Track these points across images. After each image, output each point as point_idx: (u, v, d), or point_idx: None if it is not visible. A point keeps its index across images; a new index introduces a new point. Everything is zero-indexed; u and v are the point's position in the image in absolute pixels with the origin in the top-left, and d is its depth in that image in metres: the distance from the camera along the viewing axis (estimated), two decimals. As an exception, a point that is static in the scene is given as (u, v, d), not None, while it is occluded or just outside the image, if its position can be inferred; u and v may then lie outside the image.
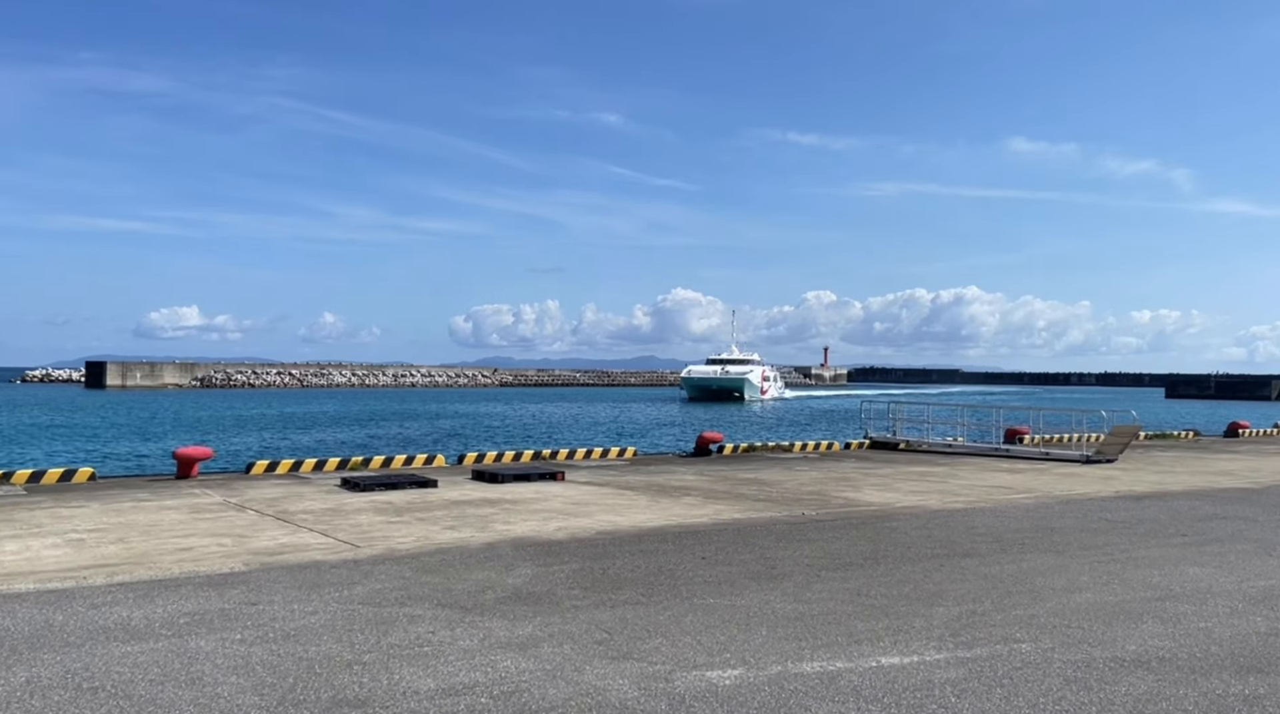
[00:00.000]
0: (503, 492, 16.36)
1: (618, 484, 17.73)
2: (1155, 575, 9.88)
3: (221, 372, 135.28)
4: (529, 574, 9.44)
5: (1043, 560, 10.63)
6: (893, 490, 17.20)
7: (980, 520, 13.63)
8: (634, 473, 19.98)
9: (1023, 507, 15.18)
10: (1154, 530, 12.89)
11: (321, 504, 14.53)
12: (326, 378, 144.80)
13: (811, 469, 21.23)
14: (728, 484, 17.92)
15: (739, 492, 16.70)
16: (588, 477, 19.07)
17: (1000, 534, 12.41)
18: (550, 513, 13.77)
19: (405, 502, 14.85)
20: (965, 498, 16.25)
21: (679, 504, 14.94)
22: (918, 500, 15.84)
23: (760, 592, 8.88)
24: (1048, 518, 13.96)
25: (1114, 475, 20.47)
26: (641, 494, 16.23)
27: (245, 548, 10.66)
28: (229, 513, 13.48)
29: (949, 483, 18.61)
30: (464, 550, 10.70)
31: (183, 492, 15.93)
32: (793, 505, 14.92)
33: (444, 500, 15.05)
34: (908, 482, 18.76)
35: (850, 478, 19.33)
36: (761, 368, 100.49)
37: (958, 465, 22.64)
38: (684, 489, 17.06)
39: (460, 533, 11.89)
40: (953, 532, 12.57)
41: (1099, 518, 14.00)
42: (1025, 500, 15.99)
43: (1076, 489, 17.84)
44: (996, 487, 18.05)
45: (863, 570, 9.93)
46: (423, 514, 13.52)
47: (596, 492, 16.50)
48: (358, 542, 11.13)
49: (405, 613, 7.80)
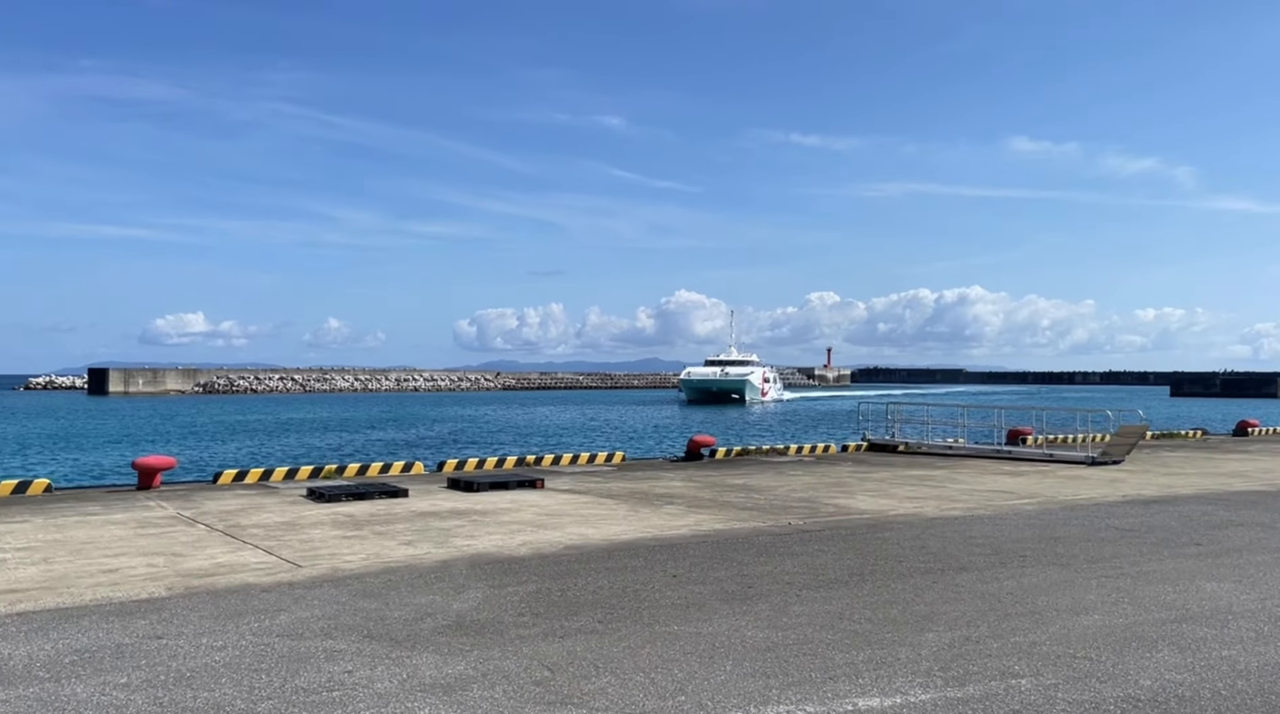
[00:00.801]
0: (475, 501, 15.49)
1: (598, 492, 16.86)
2: (1169, 593, 8.99)
3: (224, 377, 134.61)
4: (478, 598, 8.57)
5: (1045, 575, 9.74)
6: (888, 496, 16.31)
7: (978, 529, 12.74)
8: (618, 479, 19.10)
9: (1024, 513, 14.29)
10: (1165, 539, 11.99)
11: (279, 517, 13.67)
12: (329, 383, 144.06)
13: (805, 474, 20.34)
14: (714, 491, 17.04)
15: (725, 499, 15.82)
16: (569, 484, 18.20)
17: (1000, 545, 11.52)
18: (519, 525, 12.91)
19: (368, 514, 13.98)
20: (963, 504, 15.36)
21: (659, 514, 14.06)
22: (913, 507, 14.95)
23: (731, 616, 8.00)
24: (1051, 526, 13.08)
25: (1121, 478, 19.56)
26: (621, 503, 15.36)
27: (176, 569, 9.79)
28: (177, 528, 12.63)
29: (947, 487, 17.71)
30: (414, 570, 9.83)
31: (137, 504, 15.08)
32: (780, 514, 14.04)
33: (410, 512, 14.19)
34: (904, 486, 17.87)
35: (844, 483, 18.44)
36: (762, 369, 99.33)
37: (957, 468, 21.74)
38: (668, 497, 16.19)
39: (416, 549, 11.02)
40: (948, 542, 11.68)
41: (1106, 525, 13.11)
42: (1027, 506, 15.10)
43: (1081, 493, 16.94)
44: (997, 491, 17.16)
45: (847, 589, 9.05)
46: (383, 527, 12.66)
47: (574, 500, 15.63)
48: (301, 560, 10.27)
49: (325, 648, 6.93)
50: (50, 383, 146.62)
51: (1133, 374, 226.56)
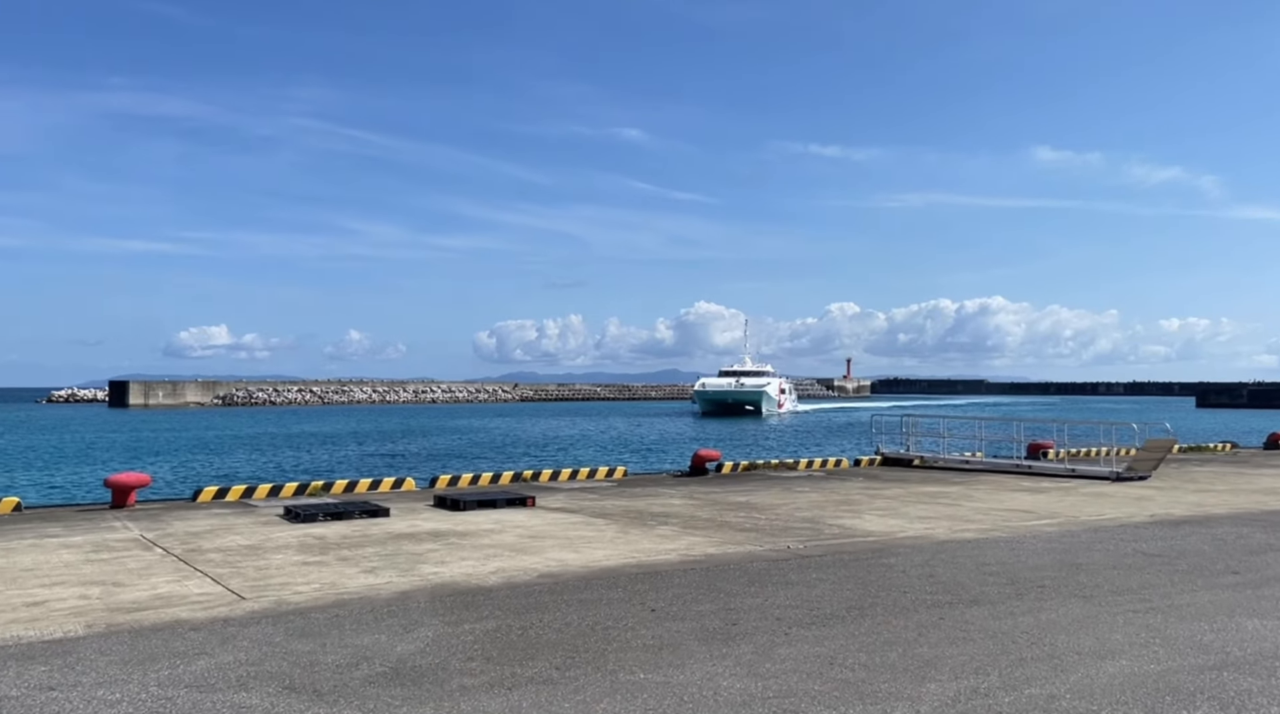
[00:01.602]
0: (458, 522, 14.63)
1: (591, 511, 15.96)
2: (1206, 632, 7.99)
3: (243, 390, 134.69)
4: (427, 638, 7.69)
5: (1066, 610, 8.77)
6: (897, 516, 15.32)
7: (994, 554, 11.75)
8: (615, 496, 18.20)
9: (1044, 536, 13.28)
10: (1198, 566, 10.97)
11: (245, 539, 12.85)
12: (347, 395, 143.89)
13: (813, 490, 19.37)
14: (714, 510, 16.10)
15: (724, 519, 14.88)
16: (563, 501, 17.32)
17: (1016, 573, 10.54)
18: (497, 549, 12.02)
19: (340, 536, 13.14)
20: (979, 525, 14.36)
21: (650, 536, 13.15)
22: (924, 529, 13.96)
23: (708, 660, 7.08)
24: (1073, 550, 12.07)
25: (1148, 495, 18.48)
26: (613, 523, 14.45)
27: (108, 602, 8.96)
28: (132, 552, 11.82)
29: (962, 506, 16.70)
30: (368, 602, 8.96)
31: (102, 525, 14.31)
32: (779, 536, 13.09)
33: (386, 534, 13.34)
34: (916, 505, 16.87)
35: (853, 501, 17.45)
36: (778, 380, 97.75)
37: (974, 485, 20.70)
38: (663, 516, 15.27)
39: (377, 577, 10.15)
40: (960, 570, 10.71)
41: (1133, 550, 12.09)
42: (1047, 528, 14.08)
43: (1106, 512, 15.89)
44: (1015, 510, 16.13)
45: (843, 626, 8.11)
46: (350, 551, 11.81)
47: (563, 521, 14.74)
48: (247, 591, 9.42)
49: (234, 703, 6.06)
50: (72, 396, 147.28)
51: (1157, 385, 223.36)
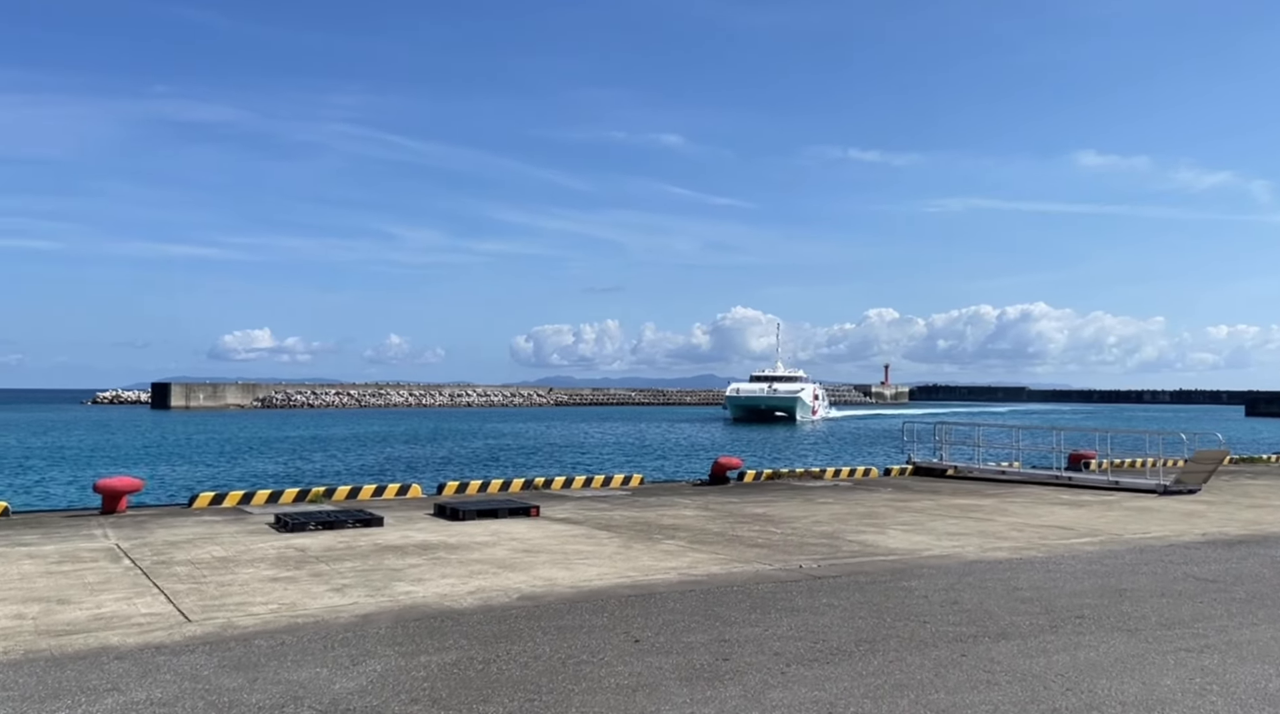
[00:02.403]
0: (453, 533, 13.79)
1: (596, 522, 15.06)
2: (1272, 677, 6.91)
3: (282, 392, 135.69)
4: (374, 673, 6.82)
5: (1108, 646, 7.71)
6: (924, 531, 14.25)
7: (1027, 577, 10.67)
8: (626, 507, 17.28)
9: (1084, 556, 12.16)
10: (1258, 595, 9.82)
11: (223, 550, 12.10)
12: (384, 398, 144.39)
13: (836, 502, 18.32)
14: (727, 522, 15.13)
15: (735, 534, 13.90)
16: (569, 511, 16.43)
17: (1051, 600, 9.47)
18: (484, 564, 11.15)
19: (324, 548, 12.35)
20: (1012, 543, 13.25)
21: (652, 552, 12.21)
22: (952, 546, 12.89)
23: (688, 706, 6.14)
24: (1116, 573, 10.95)
25: (1198, 510, 17.21)
26: (616, 536, 13.54)
27: (42, 623, 8.20)
28: (96, 564, 11.11)
29: (995, 521, 15.57)
30: (324, 627, 8.12)
31: (81, 532, 13.65)
32: (793, 554, 12.10)
33: (372, 545, 12.53)
34: (945, 519, 15.77)
35: (877, 514, 16.39)
36: (812, 386, 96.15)
37: (1010, 497, 19.52)
38: (672, 529, 14.33)
39: (344, 597, 9.32)
40: (988, 595, 9.66)
41: (1183, 574, 10.95)
42: (1087, 547, 12.94)
43: (1152, 529, 14.70)
44: (1053, 526, 14.98)
45: (849, 664, 7.13)
46: (328, 566, 11.00)
47: (564, 533, 13.85)
48: (198, 611, 8.62)
49: (122, 753, 5.23)
50: (116, 397, 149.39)
51: (1204, 393, 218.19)
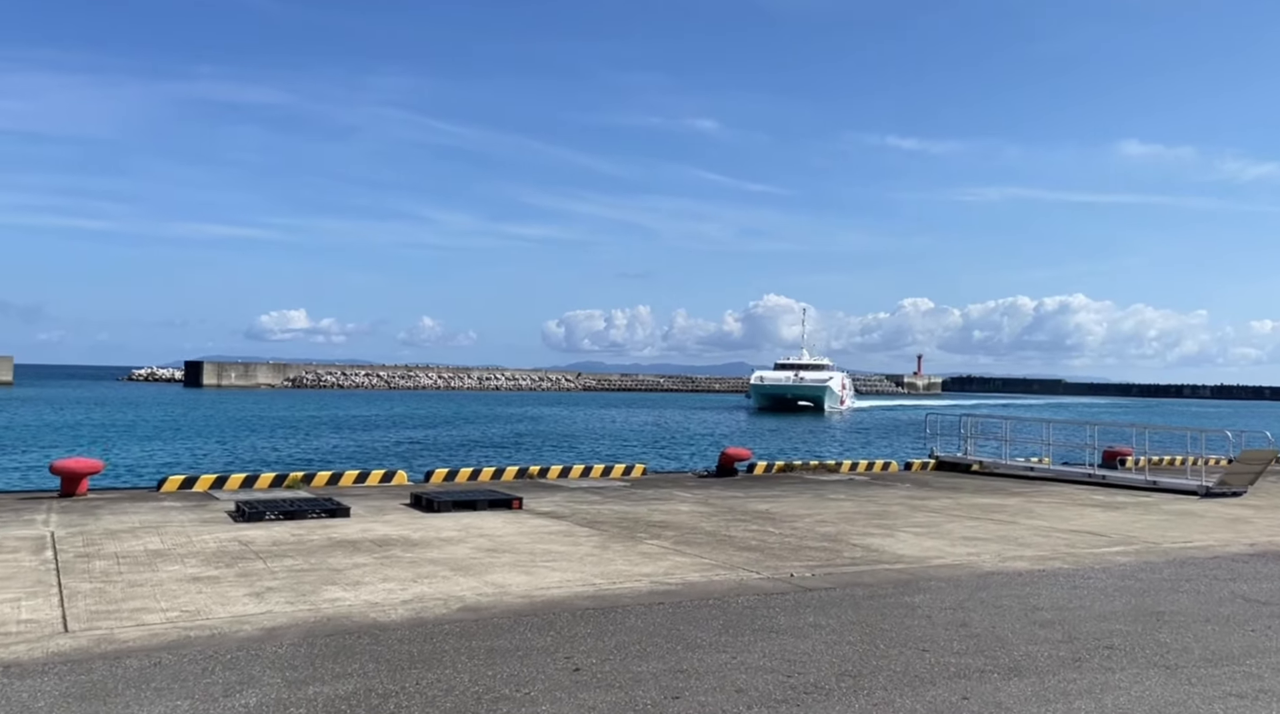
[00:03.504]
0: (420, 527, 12.68)
1: (581, 517, 13.88)
2: (1347, 740, 5.57)
3: (312, 372, 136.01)
4: (246, 707, 5.67)
5: (1142, 688, 6.40)
6: (938, 535, 12.92)
7: (1049, 594, 9.34)
8: (619, 500, 16.09)
9: (1116, 569, 10.79)
10: (1320, 623, 8.43)
11: (160, 543, 11.06)
12: (413, 380, 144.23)
13: (848, 499, 17.01)
14: (723, 520, 13.89)
15: (729, 533, 12.66)
16: (555, 504, 15.27)
17: (1076, 624, 8.15)
18: (436, 566, 9.99)
19: (272, 541, 11.28)
20: (1035, 550, 11.90)
21: (631, 553, 11.00)
22: (967, 553, 11.56)
23: (611, 764, 4.93)
24: (1152, 591, 9.59)
25: (1244, 516, 15.72)
26: (597, 534, 12.35)
27: (-101, 628, 7.16)
28: (13, 555, 10.11)
29: (1019, 525, 14.20)
30: (215, 643, 6.99)
31: (22, 517, 12.71)
32: (786, 560, 10.84)
33: (325, 540, 11.44)
34: (964, 521, 14.42)
35: (890, 513, 15.06)
36: (840, 375, 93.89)
37: (1037, 496, 18.09)
38: (661, 527, 13.11)
39: (260, 604, 8.20)
40: (1002, 616, 8.36)
41: (1230, 594, 9.56)
42: (1120, 558, 11.56)
43: (1194, 537, 13.27)
44: (1083, 532, 13.59)
45: (825, 707, 5.88)
46: (265, 564, 9.90)
47: (541, 529, 12.68)
48: (82, 620, 7.53)
49: None
50: (151, 375, 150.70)
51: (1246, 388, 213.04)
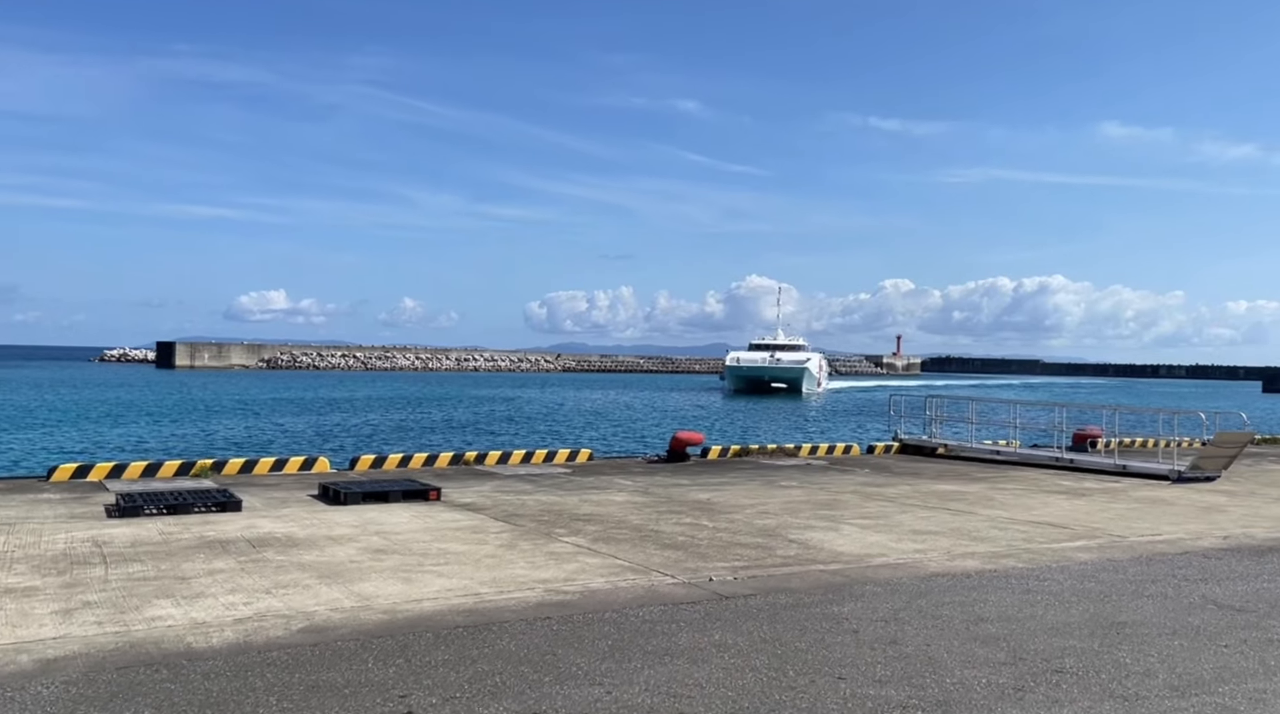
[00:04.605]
0: (312, 523, 11.44)
1: (501, 510, 12.68)
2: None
3: (287, 353, 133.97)
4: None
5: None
6: (886, 528, 11.79)
7: (997, 602, 8.22)
8: (552, 489, 14.90)
9: (1075, 568, 9.69)
10: (1303, 635, 7.34)
11: (2, 543, 9.78)
12: (390, 361, 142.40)
13: (799, 486, 15.89)
14: (655, 512, 12.73)
15: (657, 528, 11.49)
16: (480, 494, 14.07)
17: (1024, 640, 7.02)
18: (304, 573, 8.76)
19: (132, 541, 10.02)
20: (989, 546, 10.79)
21: (536, 555, 9.81)
22: (913, 550, 10.43)
23: None
24: (1114, 596, 8.48)
25: (1217, 504, 14.70)
26: (510, 530, 11.15)
27: None
28: None
29: (976, 515, 13.10)
30: (-25, 677, 5.75)
31: None
32: (711, 559, 9.67)
33: (195, 540, 10.18)
34: (918, 511, 13.31)
35: (838, 503, 13.94)
36: (817, 356, 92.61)
37: (1001, 482, 17.04)
38: (586, 520, 11.93)
39: (63, 624, 6.94)
40: (941, 630, 7.22)
41: (1201, 599, 8.47)
42: (1081, 555, 10.47)
43: (1163, 529, 12.22)
44: (1043, 524, 12.51)
45: (697, 765, 4.72)
46: (104, 571, 8.65)
47: (449, 525, 11.47)
48: None
49: None
50: (123, 356, 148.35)
51: (1221, 368, 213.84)
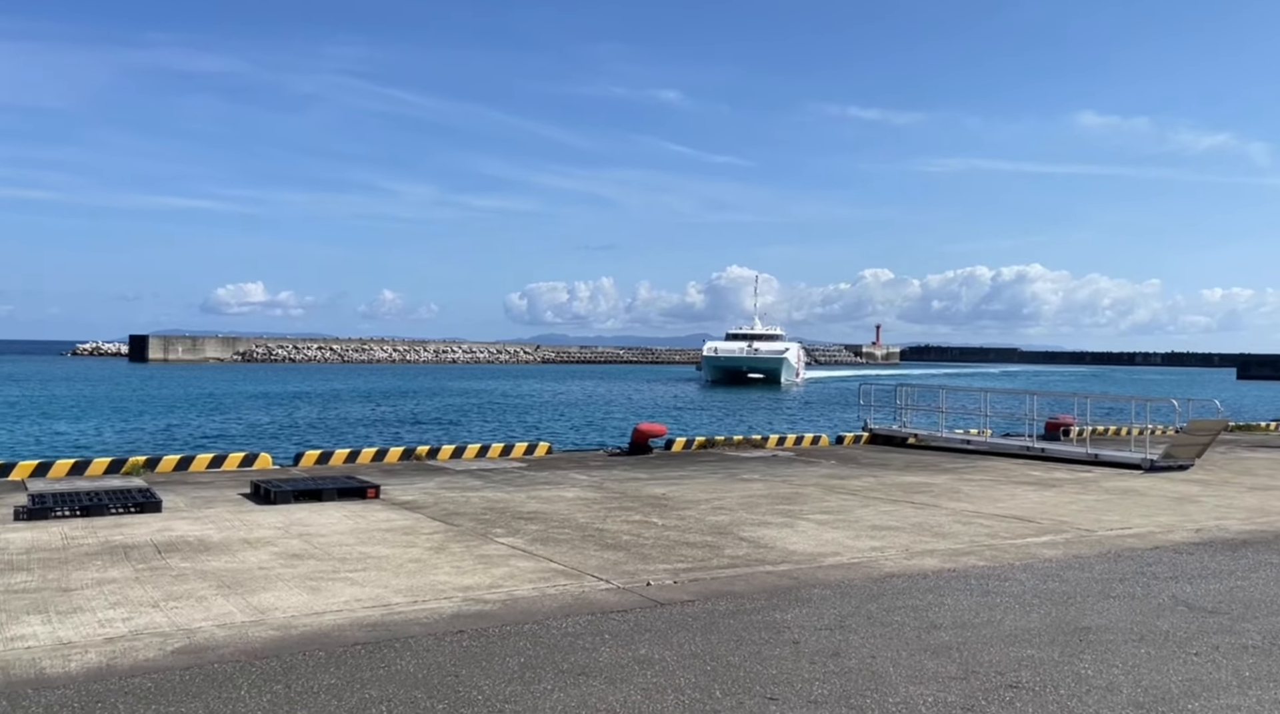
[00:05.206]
0: (233, 524, 10.73)
1: (442, 508, 12.00)
2: None
3: (263, 346, 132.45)
4: None
5: (1045, 759, 4.68)
6: (844, 524, 11.20)
7: (954, 605, 7.63)
8: (502, 485, 14.24)
9: (1040, 566, 9.13)
10: (1278, 636, 6.79)
11: (-111, 551, 9.03)
12: (367, 353, 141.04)
13: (761, 479, 15.30)
14: (605, 509, 12.09)
15: (602, 527, 10.86)
16: (424, 491, 13.39)
17: (977, 652, 6.43)
18: (202, 582, 8.07)
19: (28, 546, 9.28)
20: (951, 543, 10.22)
21: (466, 558, 9.15)
22: (870, 548, 9.85)
23: None
24: (1079, 597, 7.92)
25: (1190, 494, 14.22)
26: (444, 530, 10.48)
27: None
28: None
29: (940, 508, 12.55)
30: None
31: None
32: (652, 561, 9.05)
33: (98, 545, 9.45)
34: (880, 505, 12.74)
35: (801, 496, 13.35)
36: (795, 345, 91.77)
37: (969, 473, 16.52)
38: (528, 519, 11.28)
39: (-87, 644, 6.24)
40: (889, 641, 6.62)
41: (1170, 598, 7.92)
42: (1047, 551, 9.91)
43: (1133, 522, 11.70)
44: (1009, 517, 11.96)
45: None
46: (-10, 580, 7.93)
47: (380, 524, 10.78)
48: None
49: None
50: (96, 349, 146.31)
51: (1196, 355, 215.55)
